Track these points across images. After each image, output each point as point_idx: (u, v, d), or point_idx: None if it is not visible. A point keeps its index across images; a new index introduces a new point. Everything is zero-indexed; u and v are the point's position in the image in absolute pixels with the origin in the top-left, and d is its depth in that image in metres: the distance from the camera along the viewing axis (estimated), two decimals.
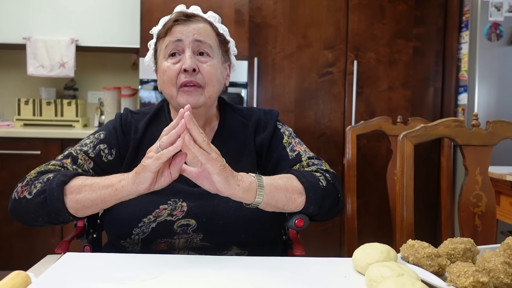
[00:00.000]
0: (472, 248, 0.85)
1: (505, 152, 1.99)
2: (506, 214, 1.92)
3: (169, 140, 0.82)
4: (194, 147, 0.81)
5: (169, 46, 1.08)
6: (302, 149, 1.15)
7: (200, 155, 0.82)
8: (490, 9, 2.56)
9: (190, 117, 0.81)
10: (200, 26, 1.10)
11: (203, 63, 1.08)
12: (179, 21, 1.08)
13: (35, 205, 0.93)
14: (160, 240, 1.03)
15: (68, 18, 3.03)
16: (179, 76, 1.07)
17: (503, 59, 2.57)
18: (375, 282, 0.74)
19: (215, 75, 1.09)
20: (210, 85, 1.08)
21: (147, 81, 2.68)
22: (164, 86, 1.10)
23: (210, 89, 1.09)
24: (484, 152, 1.23)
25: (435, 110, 2.78)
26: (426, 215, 2.78)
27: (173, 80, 1.07)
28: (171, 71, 1.07)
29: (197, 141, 0.82)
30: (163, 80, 1.10)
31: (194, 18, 1.10)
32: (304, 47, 2.70)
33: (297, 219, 1.02)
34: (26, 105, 3.01)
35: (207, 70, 1.08)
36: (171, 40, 1.08)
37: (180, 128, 0.82)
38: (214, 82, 1.09)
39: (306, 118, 2.72)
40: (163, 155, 0.81)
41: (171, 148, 0.81)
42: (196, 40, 1.07)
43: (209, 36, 1.10)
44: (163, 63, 1.09)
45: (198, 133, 0.82)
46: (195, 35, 1.07)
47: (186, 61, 1.05)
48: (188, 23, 1.09)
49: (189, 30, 1.08)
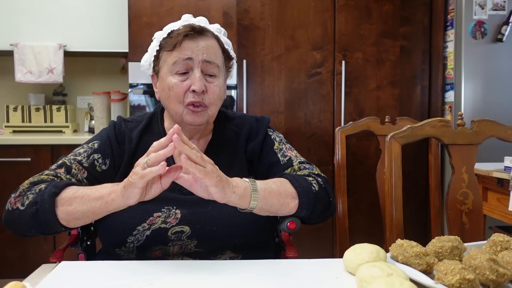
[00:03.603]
0: (459, 246, 0.87)
1: (491, 148, 2.02)
2: (493, 209, 1.96)
3: (156, 160, 0.82)
4: (191, 166, 0.82)
5: (178, 64, 1.07)
6: (293, 154, 1.17)
7: (197, 172, 0.82)
8: (474, 7, 2.61)
9: (179, 140, 0.81)
10: (209, 44, 1.10)
11: (210, 83, 1.09)
12: (189, 36, 1.08)
13: (27, 216, 0.93)
14: (154, 248, 1.04)
15: (56, 24, 3.02)
16: (186, 95, 1.07)
17: (487, 57, 2.61)
18: (365, 283, 0.76)
19: (219, 95, 1.11)
20: (214, 105, 1.10)
21: (136, 85, 2.68)
22: (169, 101, 1.09)
23: (213, 108, 1.10)
24: (469, 151, 1.26)
25: (423, 108, 2.82)
26: (416, 212, 2.81)
27: (181, 98, 1.07)
28: (179, 88, 1.07)
29: (191, 158, 0.82)
30: (168, 95, 1.09)
31: (202, 33, 1.10)
32: (292, 48, 2.72)
33: (289, 222, 1.04)
34: (15, 112, 2.99)
35: (213, 90, 1.09)
36: (181, 58, 1.07)
37: (168, 152, 0.82)
38: (218, 102, 1.11)
39: (296, 118, 2.74)
40: (146, 175, 0.81)
41: (155, 169, 0.81)
42: (205, 61, 1.07)
43: (216, 55, 1.10)
44: (169, 78, 1.08)
45: (191, 152, 0.83)
46: (204, 55, 1.07)
47: (196, 82, 1.06)
48: (197, 39, 1.08)
49: (198, 48, 1.07)
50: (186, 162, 0.81)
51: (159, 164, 0.82)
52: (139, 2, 2.64)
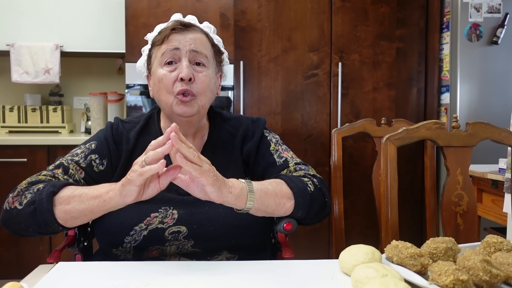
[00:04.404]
0: (453, 247, 0.88)
1: (486, 150, 2.04)
2: (488, 211, 1.97)
3: (154, 157, 0.83)
4: (186, 164, 0.82)
5: (166, 54, 1.09)
6: (289, 156, 1.18)
7: (193, 170, 0.83)
8: (470, 10, 2.62)
9: (176, 138, 0.82)
10: (196, 36, 1.11)
11: (198, 72, 1.10)
12: (176, 30, 1.10)
13: (25, 216, 0.93)
14: (151, 248, 1.05)
15: (52, 24, 3.02)
16: (175, 84, 1.08)
17: (483, 59, 2.63)
18: (360, 283, 0.77)
19: (209, 85, 1.11)
20: (203, 95, 1.10)
21: (133, 86, 2.68)
22: (160, 93, 1.10)
23: (203, 99, 1.11)
24: (464, 153, 1.28)
25: (419, 110, 2.84)
26: (412, 213, 2.83)
27: (170, 88, 1.08)
28: (167, 79, 1.08)
29: (187, 157, 0.83)
30: (158, 87, 1.10)
31: (191, 27, 1.12)
32: (289, 50, 2.73)
33: (286, 223, 1.05)
34: (11, 112, 2.98)
35: (202, 80, 1.09)
36: (168, 48, 1.09)
37: (166, 149, 0.83)
38: (207, 92, 1.11)
39: (293, 120, 2.75)
40: (145, 172, 0.82)
41: (154, 167, 0.82)
42: (192, 50, 1.09)
43: (205, 47, 1.12)
44: (159, 70, 1.10)
45: (188, 150, 0.83)
46: (192, 45, 1.09)
47: (183, 70, 1.06)
48: (185, 32, 1.10)
49: (186, 40, 1.09)
50: (182, 160, 0.82)
51: (157, 162, 0.82)
52: (136, 3, 2.65)
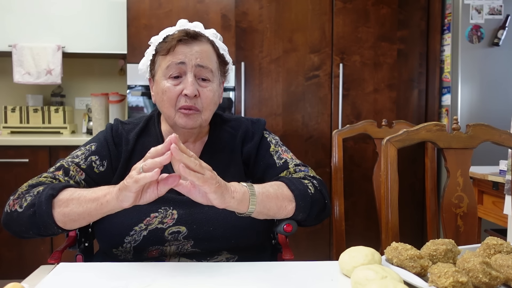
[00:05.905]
0: (453, 249, 0.88)
1: (487, 152, 2.04)
2: (489, 212, 1.97)
3: (151, 166, 0.82)
4: (190, 174, 0.81)
5: (171, 68, 1.08)
6: (289, 157, 1.18)
7: (196, 179, 0.82)
8: (471, 11, 2.62)
9: (177, 149, 0.81)
10: (203, 49, 1.10)
11: (203, 87, 1.09)
12: (182, 41, 1.08)
13: (25, 218, 0.94)
14: (151, 248, 1.05)
15: (54, 25, 3.02)
16: (179, 99, 1.08)
17: (484, 61, 2.63)
18: (360, 285, 0.77)
19: (213, 100, 1.11)
20: (207, 110, 1.11)
21: (134, 87, 2.69)
22: (163, 105, 1.11)
23: (207, 113, 1.11)
24: (464, 155, 1.28)
25: (420, 111, 2.84)
26: (412, 215, 2.83)
27: (173, 102, 1.08)
28: (171, 92, 1.08)
29: (189, 167, 0.82)
30: (162, 99, 1.10)
31: (197, 38, 1.10)
32: (290, 51, 2.73)
33: (286, 224, 1.05)
34: (13, 113, 2.99)
35: (207, 95, 1.09)
36: (174, 62, 1.07)
37: (165, 160, 0.81)
38: (212, 106, 1.12)
39: (294, 121, 2.75)
40: (140, 180, 0.81)
41: (148, 175, 0.81)
42: (198, 65, 1.08)
43: (210, 60, 1.11)
44: (163, 82, 1.09)
45: (189, 160, 0.82)
46: (198, 59, 1.08)
47: (188, 87, 1.06)
48: (191, 44, 1.09)
49: (192, 53, 1.08)
50: (185, 171, 0.81)
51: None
52: (137, 4, 2.65)
